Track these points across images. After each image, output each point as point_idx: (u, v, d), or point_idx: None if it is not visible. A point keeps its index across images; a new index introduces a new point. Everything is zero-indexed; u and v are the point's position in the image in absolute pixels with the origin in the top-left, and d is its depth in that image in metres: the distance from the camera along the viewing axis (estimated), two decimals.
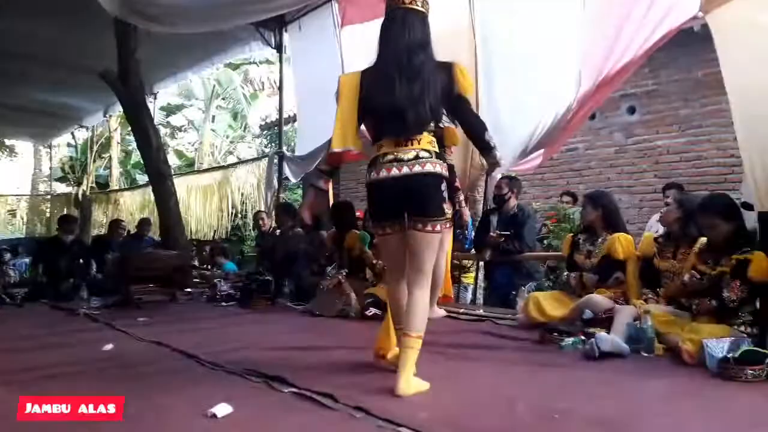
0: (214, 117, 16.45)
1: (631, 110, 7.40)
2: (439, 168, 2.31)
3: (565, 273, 3.83)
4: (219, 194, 9.02)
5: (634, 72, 4.46)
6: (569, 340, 3.05)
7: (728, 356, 2.42)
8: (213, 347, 3.12)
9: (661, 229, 3.67)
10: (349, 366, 2.69)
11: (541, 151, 4.93)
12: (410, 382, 2.18)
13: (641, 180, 7.24)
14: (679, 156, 6.91)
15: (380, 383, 2.32)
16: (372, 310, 4.21)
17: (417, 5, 2.38)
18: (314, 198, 2.72)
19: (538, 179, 8.02)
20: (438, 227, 2.32)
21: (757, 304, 2.87)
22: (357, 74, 2.41)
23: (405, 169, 2.26)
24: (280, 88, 7.89)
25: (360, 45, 6.06)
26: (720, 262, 2.94)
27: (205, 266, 7.72)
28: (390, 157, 2.30)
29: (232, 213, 8.98)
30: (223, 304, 5.32)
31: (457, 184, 4.11)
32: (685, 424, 1.88)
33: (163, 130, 15.69)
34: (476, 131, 2.41)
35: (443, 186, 2.33)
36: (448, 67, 2.36)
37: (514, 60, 4.70)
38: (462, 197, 4.20)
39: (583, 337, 3.03)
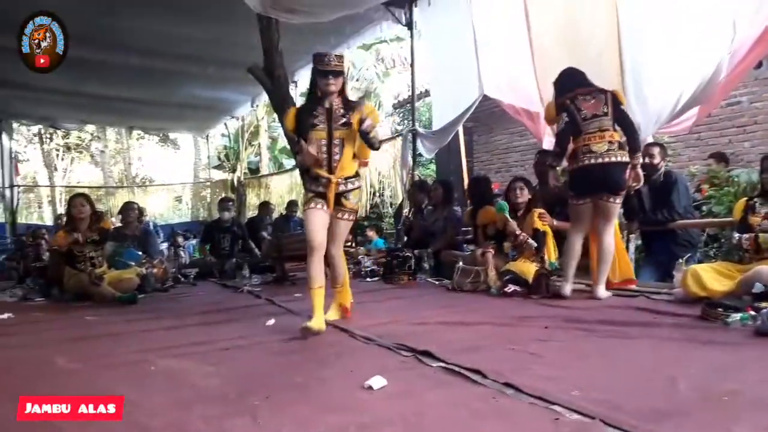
0: None
1: None
2: None
3: (736, 235, 3.51)
4: None
5: None
6: (736, 315, 2.81)
7: None
8: (363, 321, 3.32)
9: None
10: (495, 342, 2.71)
11: (696, 109, 4.53)
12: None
13: None
14: None
15: (529, 361, 2.32)
16: (511, 287, 4.18)
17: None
18: None
19: (693, 139, 7.34)
20: None
21: None
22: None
23: None
24: (412, 65, 7.92)
25: (493, 16, 5.91)
26: None
27: (349, 243, 8.07)
28: None
29: (370, 192, 9.26)
30: (368, 279, 5.59)
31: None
32: None
33: None
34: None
35: None
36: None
37: (658, 14, 4.36)
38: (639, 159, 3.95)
39: (753, 313, 2.78)
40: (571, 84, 4.01)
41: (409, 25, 7.31)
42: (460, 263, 4.77)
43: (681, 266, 3.65)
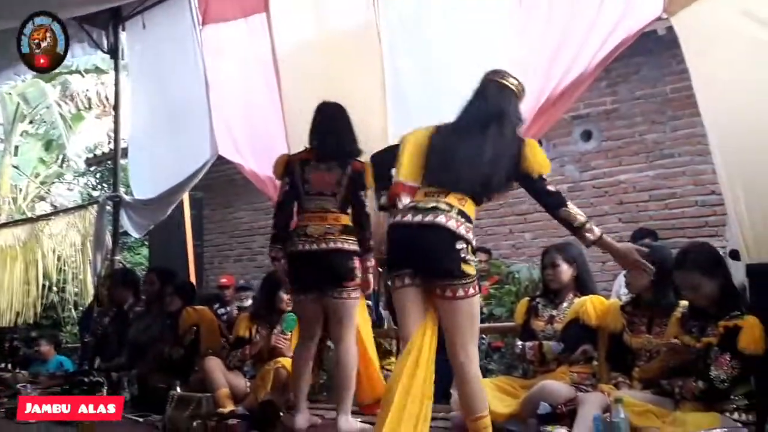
0: (17, 148, 16.03)
1: (587, 136, 7.78)
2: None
3: (519, 343, 3.91)
4: (24, 259, 8.76)
5: (587, 89, 4.73)
6: None
7: None
8: None
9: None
10: None
11: None
12: None
13: (602, 225, 7.45)
14: (647, 194, 7.31)
15: None
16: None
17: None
18: None
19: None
20: None
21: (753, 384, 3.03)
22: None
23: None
24: (116, 107, 7.75)
25: (225, 49, 6.10)
26: (706, 331, 3.10)
27: (4, 366, 7.34)
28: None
29: (44, 286, 8.64)
30: (32, 420, 5.04)
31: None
32: None
33: None
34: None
35: None
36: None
37: (428, 77, 4.83)
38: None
39: None
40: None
41: (113, 52, 7.25)
42: (177, 389, 4.56)
43: None
